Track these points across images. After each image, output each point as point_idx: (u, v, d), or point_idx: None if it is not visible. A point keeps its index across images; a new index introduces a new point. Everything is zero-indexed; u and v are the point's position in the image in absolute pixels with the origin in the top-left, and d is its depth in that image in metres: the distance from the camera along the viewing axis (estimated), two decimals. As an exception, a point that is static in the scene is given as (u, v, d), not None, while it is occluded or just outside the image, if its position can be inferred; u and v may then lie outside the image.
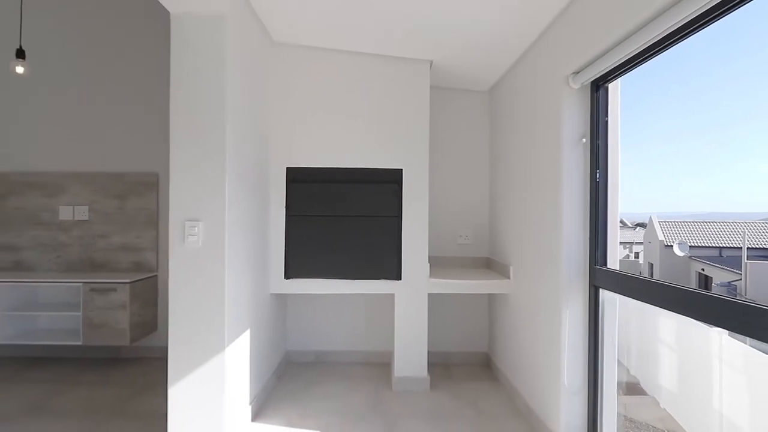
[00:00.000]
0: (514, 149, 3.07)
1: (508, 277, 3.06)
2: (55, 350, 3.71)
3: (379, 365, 3.53)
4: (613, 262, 2.18)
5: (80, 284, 3.36)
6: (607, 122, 2.15)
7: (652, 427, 2.53)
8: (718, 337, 1.80)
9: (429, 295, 3.16)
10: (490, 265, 3.56)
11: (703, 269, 5.05)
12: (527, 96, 2.80)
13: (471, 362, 3.63)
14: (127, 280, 3.34)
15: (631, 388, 2.47)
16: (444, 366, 3.55)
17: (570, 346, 2.24)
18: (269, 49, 2.96)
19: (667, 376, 2.27)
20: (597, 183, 2.16)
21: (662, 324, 2.22)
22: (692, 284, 3.35)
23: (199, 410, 2.18)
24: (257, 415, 2.68)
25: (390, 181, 3.09)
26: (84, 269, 3.71)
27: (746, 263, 4.03)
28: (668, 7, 1.50)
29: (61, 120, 3.72)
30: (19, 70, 3.06)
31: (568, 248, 2.23)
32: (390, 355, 3.47)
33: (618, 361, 2.23)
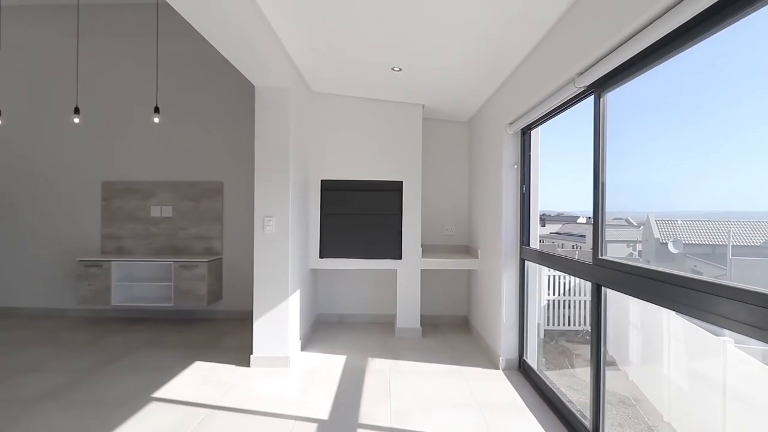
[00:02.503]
0: (478, 168, 4.34)
1: (477, 258, 4.32)
2: (147, 312, 5.05)
3: (386, 324, 4.81)
4: (534, 243, 3.43)
5: (171, 262, 4.69)
6: (530, 155, 3.40)
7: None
8: (668, 315, 3.04)
9: (422, 271, 4.43)
10: (468, 251, 4.83)
11: (695, 266, 6.10)
12: (484, 133, 4.06)
13: (454, 323, 4.89)
14: (205, 260, 4.67)
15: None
16: (433, 325, 4.82)
17: (507, 298, 3.50)
18: (309, 97, 4.26)
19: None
20: (523, 193, 3.42)
21: (631, 309, 3.42)
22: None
23: (272, 336, 3.49)
24: (303, 347, 3.98)
25: (394, 189, 4.38)
26: (168, 253, 5.04)
27: (731, 259, 5.04)
28: (559, 88, 2.71)
29: (153, 142, 5.05)
30: (76, 120, 4.17)
31: (506, 235, 3.49)
32: (393, 316, 4.74)
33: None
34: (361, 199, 4.38)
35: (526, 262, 3.43)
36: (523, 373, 3.40)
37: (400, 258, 4.37)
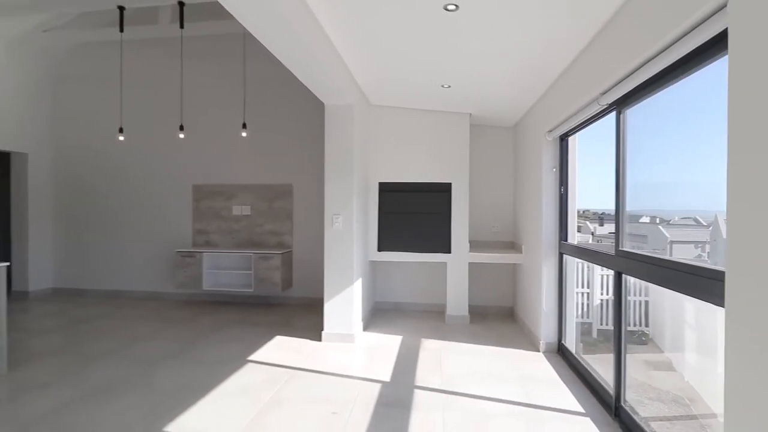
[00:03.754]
0: (522, 170, 4.72)
1: (521, 252, 4.71)
2: (231, 296, 5.89)
3: (437, 312, 5.30)
4: (572, 239, 3.79)
5: (251, 254, 5.47)
6: (568, 159, 3.77)
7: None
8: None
9: (469, 264, 4.89)
10: (513, 246, 5.21)
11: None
12: (527, 139, 4.44)
13: (500, 313, 5.30)
14: (279, 252, 5.40)
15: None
16: (480, 314, 5.25)
17: (546, 288, 3.89)
18: (369, 109, 4.84)
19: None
20: (561, 194, 3.79)
21: (687, 309, 3.64)
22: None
23: (339, 316, 4.11)
24: (365, 328, 4.58)
25: (443, 190, 4.87)
26: (248, 246, 5.84)
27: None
28: (586, 105, 3.11)
29: (234, 151, 5.87)
30: (181, 135, 5.02)
31: (546, 232, 3.88)
32: (443, 305, 5.23)
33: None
34: (414, 199, 4.91)
35: (564, 255, 3.80)
36: (562, 355, 3.78)
37: (450, 252, 4.85)
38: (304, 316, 5.17)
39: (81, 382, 3.19)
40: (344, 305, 4.12)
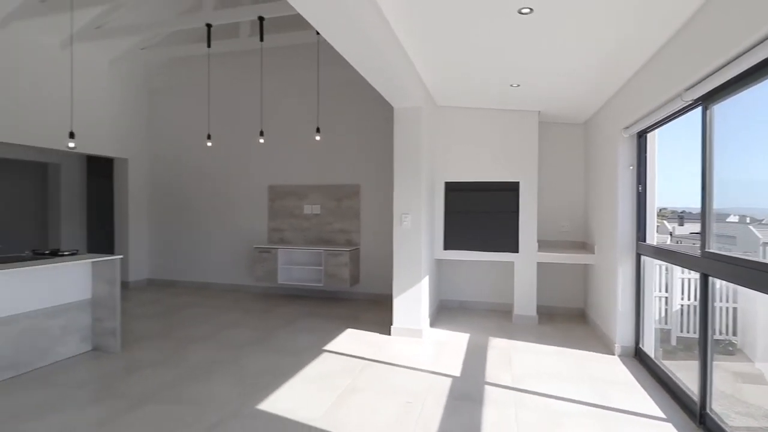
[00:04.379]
0: (594, 168, 4.57)
1: (593, 253, 4.58)
2: (303, 290, 6.25)
3: (503, 311, 5.29)
4: (651, 239, 3.64)
5: (321, 251, 5.78)
6: (646, 156, 3.63)
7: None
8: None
9: (538, 264, 4.83)
10: (585, 246, 5.06)
11: None
12: (600, 136, 4.31)
13: (570, 314, 5.17)
14: (348, 249, 5.66)
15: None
16: (549, 315, 5.16)
17: (623, 290, 3.77)
18: (435, 110, 4.94)
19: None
20: (639, 193, 3.66)
21: None
22: None
23: (408, 312, 4.25)
24: (431, 325, 4.69)
25: (511, 189, 4.85)
26: (318, 243, 6.17)
27: None
28: (668, 101, 2.99)
29: (306, 153, 6.21)
30: (261, 141, 5.38)
31: (622, 232, 3.76)
32: (510, 305, 5.20)
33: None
34: (481, 198, 4.93)
35: (642, 257, 3.67)
36: (639, 359, 3.65)
37: (517, 251, 4.82)
38: (371, 311, 5.37)
39: (182, 361, 3.59)
40: (412, 301, 4.26)
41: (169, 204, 6.97)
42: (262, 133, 5.23)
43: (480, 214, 4.94)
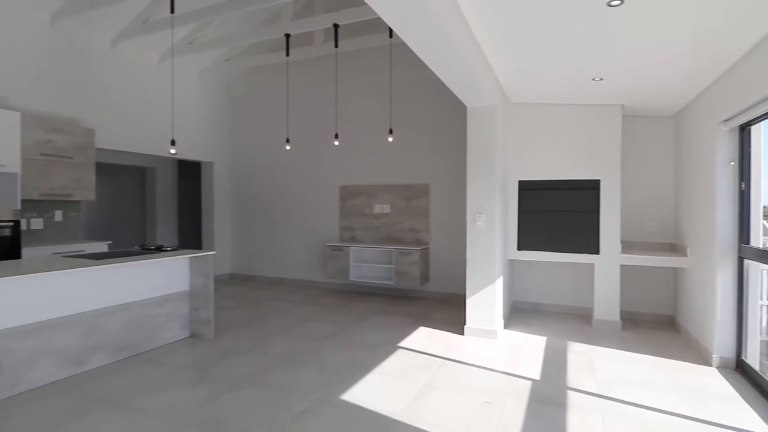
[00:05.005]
0: (687, 164, 4.23)
1: (686, 256, 4.25)
2: (374, 287, 6.41)
3: (580, 315, 5.06)
4: (756, 242, 3.32)
5: (392, 249, 5.89)
6: (749, 151, 3.31)
7: None
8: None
9: (621, 266, 4.57)
10: (675, 248, 4.71)
11: None
12: (694, 129, 3.98)
13: (657, 320, 4.83)
14: (418, 248, 5.72)
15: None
16: (633, 320, 4.86)
17: (722, 297, 3.46)
18: (508, 108, 4.84)
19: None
20: (742, 190, 3.34)
21: None
22: None
23: (481, 312, 4.22)
24: (505, 326, 4.61)
25: (590, 187, 4.63)
26: (388, 242, 6.29)
27: None
28: None
29: (376, 154, 6.36)
30: (336, 143, 5.55)
31: (721, 233, 3.46)
32: (588, 308, 4.97)
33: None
34: (557, 197, 4.76)
35: (745, 260, 3.35)
36: (741, 372, 3.34)
37: (598, 253, 4.60)
38: (442, 309, 5.39)
39: (267, 351, 3.86)
40: (486, 302, 4.22)
41: (248, 204, 7.45)
42: (336, 136, 5.44)
43: (556, 214, 4.77)
